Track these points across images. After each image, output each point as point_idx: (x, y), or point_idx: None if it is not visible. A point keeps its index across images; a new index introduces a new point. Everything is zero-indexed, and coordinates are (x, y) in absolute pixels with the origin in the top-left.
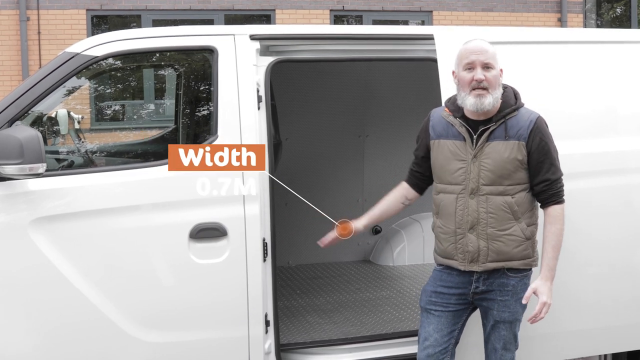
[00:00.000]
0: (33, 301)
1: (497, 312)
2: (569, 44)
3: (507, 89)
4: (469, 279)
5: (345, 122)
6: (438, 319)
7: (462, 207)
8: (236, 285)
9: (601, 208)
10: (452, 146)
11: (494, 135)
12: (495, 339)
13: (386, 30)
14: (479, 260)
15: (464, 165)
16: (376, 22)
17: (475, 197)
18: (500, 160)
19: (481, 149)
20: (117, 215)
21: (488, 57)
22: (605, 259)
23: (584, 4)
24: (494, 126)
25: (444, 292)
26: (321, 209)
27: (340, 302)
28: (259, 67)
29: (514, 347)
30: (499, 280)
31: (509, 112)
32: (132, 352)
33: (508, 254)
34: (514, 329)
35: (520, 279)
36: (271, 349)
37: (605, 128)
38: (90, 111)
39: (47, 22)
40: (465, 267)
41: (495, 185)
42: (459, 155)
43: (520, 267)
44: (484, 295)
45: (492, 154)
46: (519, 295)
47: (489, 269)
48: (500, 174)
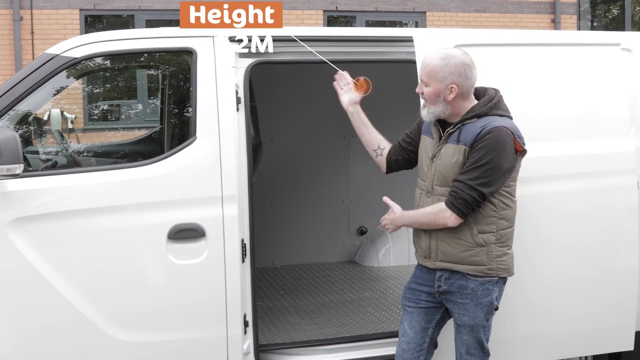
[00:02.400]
0: (12, 302)
1: (457, 315)
2: (543, 46)
3: (486, 95)
4: (433, 277)
5: (331, 123)
6: (411, 316)
7: (421, 203)
8: (214, 285)
9: (577, 211)
10: (426, 142)
11: (451, 138)
12: (459, 343)
13: (366, 32)
14: (431, 257)
15: (427, 164)
16: (369, 23)
17: (431, 196)
18: (448, 164)
19: (439, 150)
20: (95, 216)
21: (423, 73)
22: (585, 262)
23: (578, 5)
24: (451, 129)
25: (415, 289)
26: (306, 209)
27: (323, 303)
28: (238, 69)
29: (480, 352)
30: (459, 282)
31: (468, 118)
32: (111, 352)
33: (455, 257)
34: (476, 334)
35: (480, 284)
36: (250, 349)
37: (582, 130)
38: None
39: (40, 21)
40: (422, 261)
41: (445, 187)
42: (427, 154)
43: (470, 272)
44: (446, 295)
45: (443, 156)
46: (479, 300)
47: (439, 268)
48: (447, 176)
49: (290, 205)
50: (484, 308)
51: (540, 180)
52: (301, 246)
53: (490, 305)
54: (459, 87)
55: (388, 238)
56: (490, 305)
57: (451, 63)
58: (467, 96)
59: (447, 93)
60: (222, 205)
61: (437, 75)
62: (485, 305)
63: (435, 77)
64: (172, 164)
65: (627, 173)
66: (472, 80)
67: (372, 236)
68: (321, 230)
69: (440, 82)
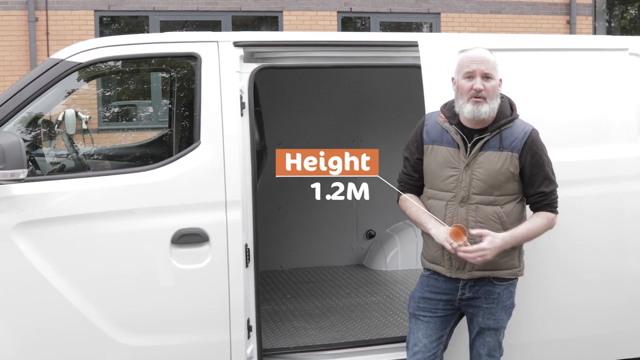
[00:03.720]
0: (16, 305)
1: (482, 319)
2: (550, 51)
3: (503, 99)
4: (455, 286)
5: (340, 127)
6: (427, 325)
7: (451, 214)
8: (218, 290)
9: (592, 215)
10: (445, 153)
11: (488, 145)
12: (479, 345)
13: (371, 37)
14: (466, 269)
15: (455, 173)
16: (384, 24)
17: (465, 206)
18: (493, 171)
19: (474, 157)
20: (98, 221)
21: (489, 67)
22: (594, 266)
23: (594, 6)
24: (488, 136)
25: (432, 298)
26: (315, 212)
27: (329, 307)
28: (243, 74)
29: (498, 353)
30: (485, 288)
31: (504, 123)
32: (115, 356)
33: (494, 264)
34: (498, 336)
35: (506, 287)
36: (253, 354)
37: (589, 136)
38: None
39: (55, 22)
40: (452, 274)
41: (486, 195)
42: (452, 163)
43: (506, 276)
44: (470, 301)
45: (484, 164)
46: (504, 303)
47: (475, 277)
48: (492, 184)
49: (299, 208)
50: (507, 310)
51: None
52: (309, 249)
53: (512, 307)
54: (501, 83)
55: (396, 242)
56: (512, 307)
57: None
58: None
59: (498, 88)
60: (225, 210)
61: (497, 67)
62: (509, 307)
63: (496, 69)
64: (175, 169)
65: (635, 178)
66: None
67: (380, 240)
68: (329, 233)
69: (498, 74)
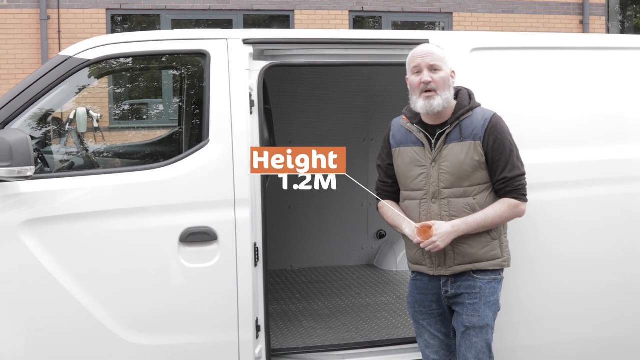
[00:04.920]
0: (23, 303)
1: (466, 317)
2: (564, 50)
3: (461, 91)
4: (438, 284)
5: (351, 126)
6: (428, 327)
7: (425, 212)
8: (226, 289)
9: (597, 218)
10: (411, 153)
11: (450, 138)
12: (466, 348)
13: (383, 35)
14: (447, 264)
15: (424, 171)
16: (395, 24)
17: (437, 201)
18: (458, 162)
19: (439, 152)
20: (107, 218)
21: (434, 59)
22: (606, 270)
23: (607, 6)
24: (449, 129)
25: (424, 300)
26: (325, 212)
27: (338, 307)
28: (252, 72)
29: (488, 357)
30: (466, 283)
31: (462, 113)
32: (122, 355)
33: (474, 256)
34: (485, 336)
35: (488, 282)
36: (262, 354)
37: (606, 136)
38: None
39: (67, 21)
40: (434, 271)
41: (455, 187)
42: (419, 161)
43: (490, 267)
44: (454, 299)
45: (449, 157)
46: (487, 298)
47: (457, 272)
48: (459, 176)
49: (309, 207)
50: (492, 307)
51: (564, 186)
52: (319, 249)
53: (496, 304)
54: (454, 74)
55: None
56: (496, 304)
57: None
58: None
59: (450, 79)
60: (234, 209)
61: (445, 59)
62: (493, 303)
63: (444, 61)
64: (184, 167)
65: None
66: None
67: (391, 240)
68: (340, 233)
69: (447, 65)
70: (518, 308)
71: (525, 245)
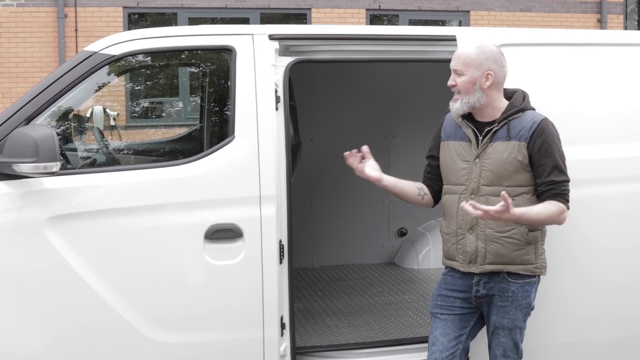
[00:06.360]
0: (48, 300)
1: (496, 318)
2: (589, 46)
3: (517, 92)
4: (470, 282)
5: (372, 123)
6: (444, 323)
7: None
8: (251, 287)
9: (625, 215)
10: (458, 147)
11: (497, 136)
12: (495, 345)
13: (407, 30)
14: (477, 262)
15: (467, 166)
16: (412, 22)
17: (476, 197)
18: (500, 161)
19: (484, 149)
20: (131, 215)
21: (457, 63)
22: (631, 267)
23: (625, 4)
24: (497, 127)
25: (449, 295)
26: (346, 210)
27: (361, 305)
28: (278, 68)
29: (515, 354)
30: (499, 285)
31: (512, 113)
32: (146, 353)
33: (506, 257)
34: (513, 336)
35: (521, 286)
36: (287, 352)
37: (628, 133)
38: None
39: (84, 19)
40: (465, 268)
41: (495, 185)
42: (464, 156)
43: (520, 272)
44: (485, 299)
45: (493, 154)
46: (519, 302)
47: (487, 271)
48: (500, 174)
49: (330, 205)
50: (523, 310)
51: (589, 183)
52: (340, 247)
53: (528, 307)
54: (495, 74)
55: (429, 240)
56: (528, 307)
57: (487, 50)
58: (500, 87)
59: (483, 80)
60: (260, 206)
61: (474, 62)
62: (525, 307)
63: (472, 64)
64: (210, 164)
65: None
66: (505, 70)
67: (412, 238)
68: (361, 231)
69: (476, 69)
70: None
71: (566, 243)
